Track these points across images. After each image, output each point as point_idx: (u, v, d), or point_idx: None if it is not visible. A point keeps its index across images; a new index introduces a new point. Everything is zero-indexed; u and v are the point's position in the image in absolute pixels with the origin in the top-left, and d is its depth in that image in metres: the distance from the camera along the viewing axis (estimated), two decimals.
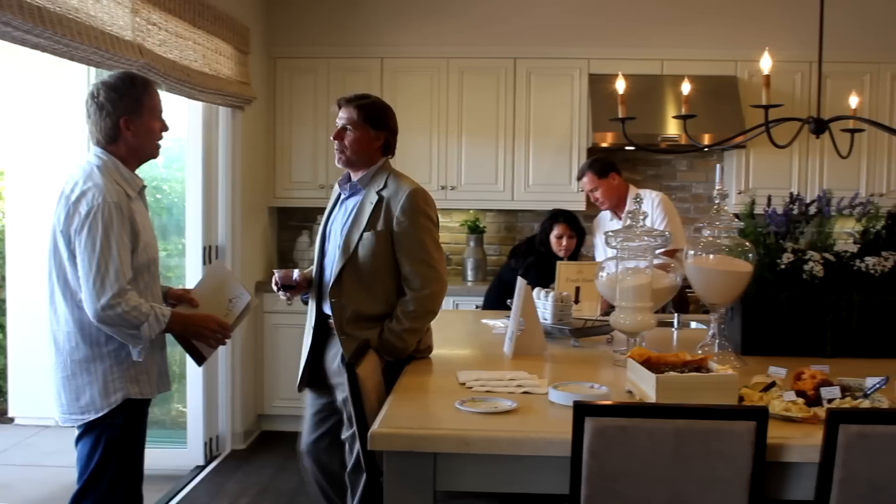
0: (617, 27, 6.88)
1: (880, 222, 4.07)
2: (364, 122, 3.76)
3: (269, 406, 6.78)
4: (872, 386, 2.97)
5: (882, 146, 6.79)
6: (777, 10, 6.76)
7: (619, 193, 5.61)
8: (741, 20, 6.81)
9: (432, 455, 2.72)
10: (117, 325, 3.13)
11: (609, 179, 5.61)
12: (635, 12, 6.89)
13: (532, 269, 5.61)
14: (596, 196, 5.65)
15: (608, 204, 5.65)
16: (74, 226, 3.14)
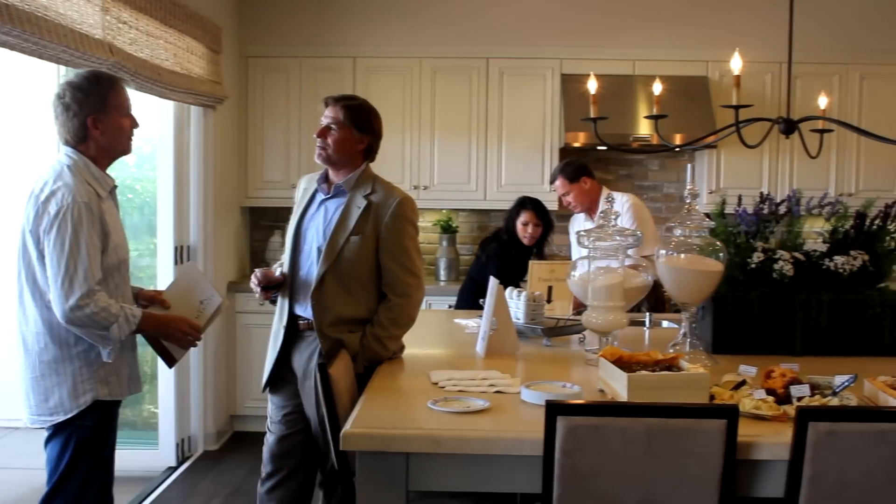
0: (589, 28, 6.90)
1: (849, 222, 4.10)
2: (349, 124, 3.73)
3: (242, 406, 6.76)
4: (841, 384, 2.99)
5: (851, 146, 6.85)
6: (747, 12, 6.80)
7: (592, 197, 5.62)
8: (712, 21, 6.85)
9: (405, 455, 2.71)
10: (86, 326, 3.11)
11: (580, 184, 5.60)
12: (607, 13, 6.92)
13: (493, 258, 5.64)
14: (568, 200, 5.66)
15: (580, 208, 5.67)
16: (43, 226, 3.12)
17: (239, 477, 5.79)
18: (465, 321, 4.77)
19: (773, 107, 6.49)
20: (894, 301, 3.93)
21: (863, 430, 2.55)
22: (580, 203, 5.63)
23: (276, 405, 3.94)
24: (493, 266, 5.57)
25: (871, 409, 2.79)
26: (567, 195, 5.64)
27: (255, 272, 3.83)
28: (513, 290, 4.45)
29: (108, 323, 3.12)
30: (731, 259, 3.93)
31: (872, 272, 4.01)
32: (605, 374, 3.15)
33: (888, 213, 4.10)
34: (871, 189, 6.71)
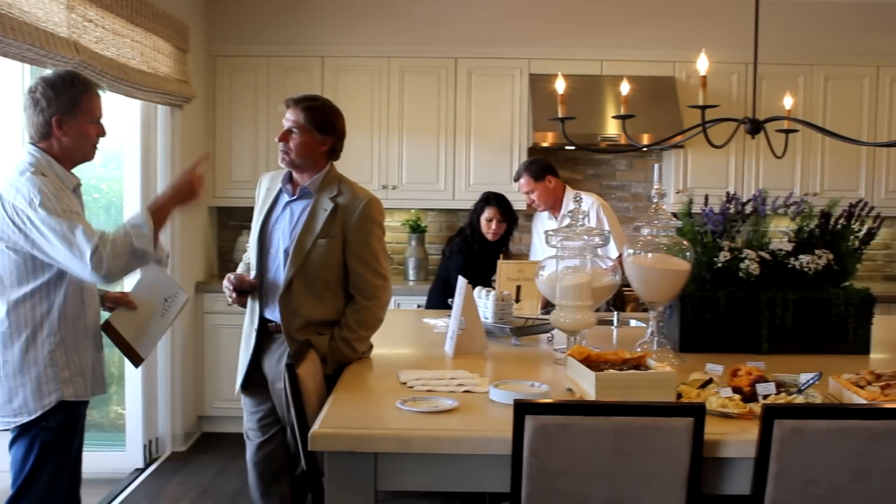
0: (557, 28, 6.92)
1: (814, 221, 4.14)
2: (311, 126, 3.70)
3: (210, 407, 6.72)
4: (806, 382, 3.02)
5: (816, 146, 6.92)
6: (714, 13, 6.85)
7: (556, 195, 5.67)
8: (679, 22, 6.89)
9: (373, 455, 2.71)
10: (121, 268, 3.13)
11: (545, 182, 5.64)
12: (575, 13, 6.94)
13: (456, 254, 5.65)
14: (532, 198, 5.69)
15: (543, 206, 5.70)
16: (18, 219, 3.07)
17: (207, 478, 5.76)
18: (433, 321, 4.77)
19: (739, 107, 6.54)
20: (858, 299, 3.97)
21: (828, 428, 2.58)
22: (544, 202, 5.67)
23: (248, 410, 3.92)
24: (457, 262, 5.59)
25: (835, 407, 2.82)
26: (531, 193, 5.67)
27: (229, 276, 3.81)
28: (481, 289, 4.46)
29: (126, 248, 3.11)
30: (698, 258, 3.95)
31: (837, 271, 4.05)
32: (573, 374, 3.16)
33: (852, 213, 4.15)
34: (835, 189, 6.78)
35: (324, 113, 3.76)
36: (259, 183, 3.99)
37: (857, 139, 4.06)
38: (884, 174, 7.02)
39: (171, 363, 6.18)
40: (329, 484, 2.76)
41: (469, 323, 3.92)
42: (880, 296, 4.64)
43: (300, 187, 3.78)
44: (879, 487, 2.60)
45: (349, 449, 2.71)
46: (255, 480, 3.90)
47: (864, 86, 6.97)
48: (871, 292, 4.03)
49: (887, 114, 6.95)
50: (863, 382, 3.05)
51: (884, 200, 6.91)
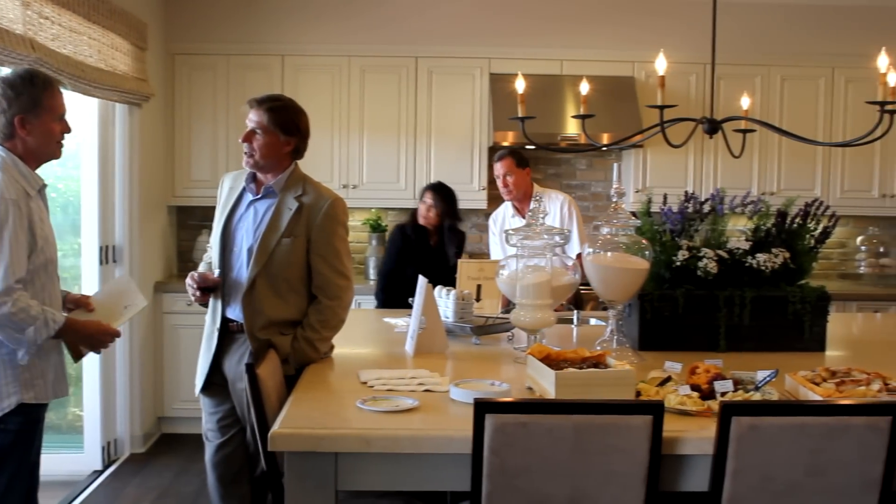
0: (517, 27, 6.94)
1: (770, 220, 4.18)
2: (274, 127, 3.68)
3: (170, 408, 6.67)
4: (763, 379, 3.05)
5: (772, 146, 6.99)
6: (672, 14, 6.90)
7: (527, 189, 5.69)
8: (638, 22, 6.94)
9: (333, 455, 2.71)
10: (2, 326, 3.04)
11: (524, 172, 5.69)
12: (535, 13, 6.97)
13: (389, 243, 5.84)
14: (508, 182, 5.65)
15: (515, 194, 5.69)
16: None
17: (167, 479, 5.72)
18: (394, 320, 4.76)
19: (697, 107, 6.59)
20: (814, 297, 4.02)
21: (784, 424, 2.61)
22: (518, 189, 5.67)
23: (207, 411, 3.89)
24: (391, 247, 5.71)
25: (791, 404, 2.86)
26: (508, 176, 5.64)
27: (192, 274, 3.78)
28: (441, 288, 4.46)
29: (24, 325, 3.05)
30: (657, 257, 3.98)
31: (793, 269, 4.10)
32: (533, 372, 3.17)
33: (808, 212, 4.20)
34: (791, 188, 6.86)
35: (287, 113, 3.74)
36: (221, 182, 3.96)
37: (812, 139, 4.10)
38: (839, 174, 7.11)
39: (130, 364, 6.12)
40: (289, 484, 2.75)
41: (429, 322, 3.92)
42: (835, 294, 4.70)
43: (264, 186, 3.76)
44: (834, 482, 2.63)
45: (309, 449, 2.70)
46: (214, 482, 3.88)
47: (819, 86, 7.06)
48: (826, 290, 4.08)
49: (842, 114, 7.04)
50: (818, 379, 3.09)
51: (839, 200, 7.00)
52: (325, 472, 2.71)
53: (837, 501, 2.65)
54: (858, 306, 6.81)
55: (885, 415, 2.62)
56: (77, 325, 3.32)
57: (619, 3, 6.99)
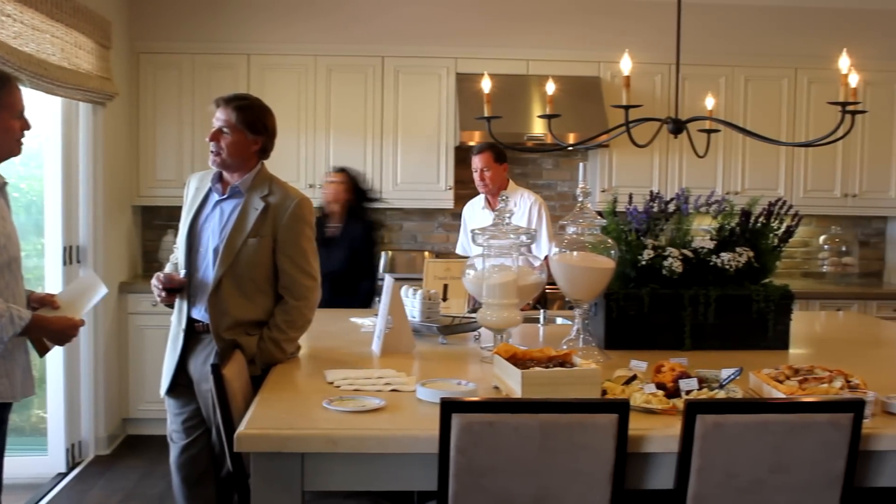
0: (483, 27, 6.96)
1: (735, 219, 4.21)
2: (242, 126, 3.67)
3: (135, 409, 6.62)
4: (727, 377, 3.08)
5: (737, 146, 7.05)
6: (638, 14, 6.94)
7: (502, 184, 5.82)
8: (604, 23, 6.97)
9: (300, 455, 2.70)
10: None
11: (502, 167, 5.82)
12: (501, 13, 6.98)
13: None
14: (485, 176, 5.78)
15: (490, 188, 5.80)
16: None
17: (132, 481, 5.68)
18: (360, 320, 4.76)
19: (662, 107, 6.63)
20: (778, 296, 4.05)
21: (748, 422, 2.63)
22: (493, 184, 5.79)
23: (172, 412, 3.87)
24: None
25: (755, 402, 2.87)
26: (486, 171, 5.77)
27: (158, 275, 3.75)
28: (408, 288, 4.46)
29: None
30: (623, 256, 4.00)
31: (757, 268, 4.13)
32: (499, 372, 3.18)
33: (771, 211, 4.23)
34: (755, 188, 6.92)
35: (255, 112, 3.73)
36: (187, 183, 3.95)
37: (776, 139, 4.14)
38: (802, 173, 7.18)
39: (95, 365, 6.07)
40: (255, 485, 2.74)
41: (396, 322, 3.92)
42: (799, 292, 4.75)
43: (230, 186, 3.74)
44: (797, 479, 2.66)
45: (275, 449, 2.69)
46: (179, 483, 3.86)
47: (782, 87, 7.13)
48: (789, 289, 4.12)
49: (805, 114, 7.11)
50: (782, 377, 3.11)
51: (802, 199, 7.07)
52: (291, 472, 2.70)
53: (801, 498, 2.68)
54: (821, 304, 6.89)
55: (847, 412, 2.64)
56: (45, 321, 3.28)
57: (585, 4, 7.02)
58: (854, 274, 7.47)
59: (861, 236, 7.67)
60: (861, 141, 7.18)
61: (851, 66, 3.37)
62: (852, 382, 3.01)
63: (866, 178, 7.26)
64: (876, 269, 7.74)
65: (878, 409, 2.92)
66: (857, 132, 6.90)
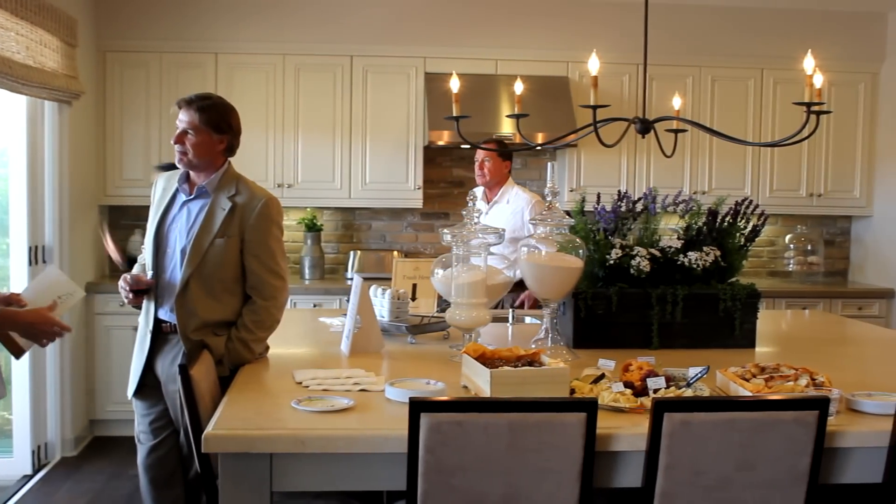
0: (452, 27, 6.96)
1: (702, 219, 4.25)
2: (206, 126, 3.65)
3: (102, 411, 6.57)
4: (695, 375, 3.10)
5: (704, 146, 7.09)
6: (606, 15, 6.96)
7: (501, 180, 5.99)
8: (572, 23, 6.99)
9: (268, 455, 2.69)
10: None
11: (504, 164, 5.99)
12: (470, 13, 6.98)
13: None
14: (485, 166, 5.94)
15: (488, 180, 5.97)
16: None
17: (99, 483, 5.64)
18: (329, 320, 4.75)
19: (630, 107, 6.67)
20: (744, 295, 4.09)
21: (715, 420, 2.65)
22: (492, 177, 5.96)
23: (140, 413, 3.85)
24: None
25: (722, 400, 2.90)
26: (487, 161, 5.95)
27: (125, 276, 3.73)
28: (377, 288, 4.46)
29: None
30: (591, 256, 4.02)
31: (724, 267, 4.17)
32: (468, 371, 3.18)
33: (738, 211, 4.27)
34: (722, 187, 6.96)
35: (218, 112, 3.72)
36: (154, 183, 3.93)
37: (742, 139, 4.16)
38: (768, 173, 7.24)
39: (61, 365, 6.02)
40: (223, 486, 2.73)
41: (365, 321, 3.91)
42: (765, 291, 4.79)
43: (197, 186, 3.73)
44: (763, 476, 2.68)
45: (244, 450, 2.68)
46: (146, 485, 3.83)
47: (749, 87, 7.18)
48: (756, 288, 4.15)
49: (771, 115, 7.17)
50: (748, 375, 3.14)
51: (768, 199, 7.13)
52: (259, 473, 2.70)
53: (767, 494, 2.70)
54: (787, 303, 6.95)
55: (813, 409, 2.67)
56: (15, 315, 3.19)
57: (554, 5, 7.03)
58: (819, 273, 7.54)
59: (826, 235, 7.75)
60: (826, 141, 7.26)
61: (816, 66, 3.40)
62: (817, 380, 3.04)
63: (831, 178, 7.34)
64: (841, 268, 7.82)
65: (843, 407, 2.96)
66: (821, 132, 6.98)
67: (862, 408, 2.95)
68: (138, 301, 3.77)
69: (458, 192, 7.33)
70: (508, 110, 6.59)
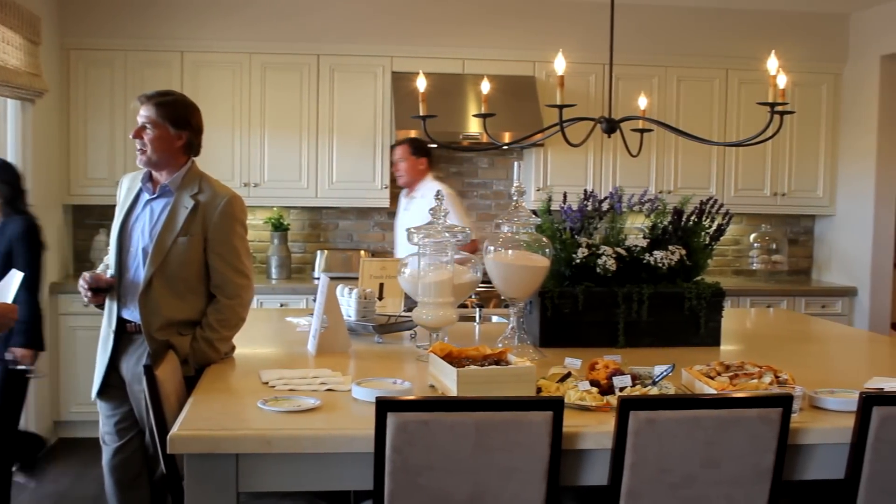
0: (419, 26, 6.96)
1: (667, 218, 4.27)
2: (164, 121, 3.64)
3: (67, 412, 6.52)
4: (660, 374, 3.11)
5: (669, 146, 7.14)
6: (573, 15, 6.99)
7: (418, 176, 6.22)
8: (539, 23, 7.01)
9: (234, 456, 2.67)
10: None
11: (418, 161, 6.19)
12: (438, 12, 6.99)
13: None
14: (399, 167, 6.23)
15: (404, 178, 6.26)
16: None
17: (64, 485, 5.59)
18: (296, 319, 4.74)
19: (596, 107, 6.70)
20: (709, 293, 4.11)
21: (680, 418, 2.67)
22: (406, 175, 6.25)
23: (105, 414, 3.83)
24: None
25: (687, 397, 2.92)
26: (401, 162, 6.22)
27: (84, 275, 3.70)
28: (344, 287, 4.45)
29: None
30: (557, 255, 4.03)
31: (689, 266, 4.19)
32: (435, 370, 3.19)
33: (703, 210, 4.29)
34: (688, 186, 7.02)
35: (176, 107, 3.70)
36: (119, 183, 3.91)
37: (707, 139, 4.19)
38: (733, 173, 7.30)
39: None
40: (189, 487, 2.71)
41: (332, 321, 3.90)
42: (730, 290, 4.82)
43: (160, 185, 3.71)
44: (728, 473, 2.70)
45: (209, 451, 2.67)
46: (111, 486, 3.81)
47: (714, 87, 7.24)
48: (721, 286, 4.18)
49: (736, 114, 7.24)
50: (713, 373, 3.16)
51: (733, 198, 7.19)
52: (225, 473, 2.68)
53: (731, 491, 2.72)
54: (752, 301, 7.02)
55: (776, 406, 2.69)
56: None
57: (521, 4, 7.05)
58: (783, 271, 7.61)
59: (790, 234, 7.82)
60: (790, 141, 7.33)
61: (780, 67, 3.43)
62: (781, 378, 3.07)
63: (795, 178, 7.41)
64: (804, 267, 7.90)
65: (806, 404, 2.99)
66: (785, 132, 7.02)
67: (825, 405, 2.98)
68: (98, 300, 3.75)
69: None
70: (475, 109, 6.60)
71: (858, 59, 7.26)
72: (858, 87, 7.26)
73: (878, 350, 4.54)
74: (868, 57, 7.15)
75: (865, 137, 7.16)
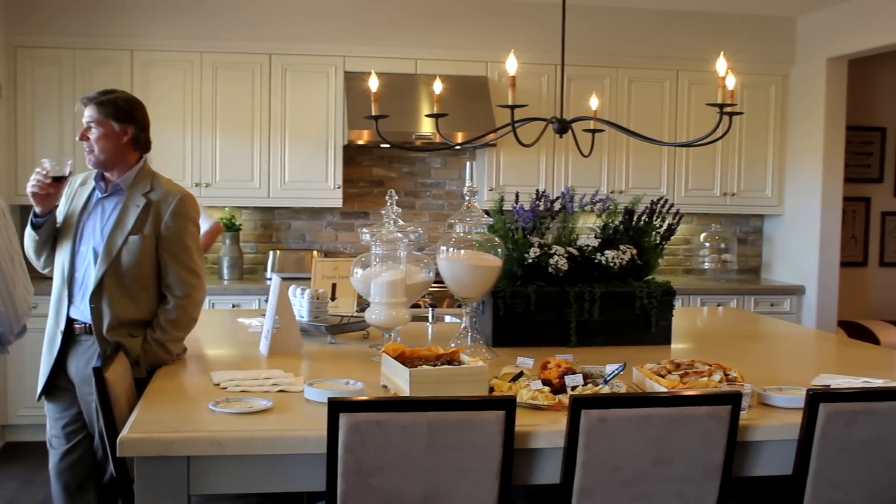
0: (372, 26, 6.94)
1: (618, 218, 4.30)
2: (107, 118, 3.61)
3: (14, 416, 6.42)
4: (612, 372, 3.14)
5: (621, 146, 7.19)
6: (525, 15, 7.01)
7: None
8: (492, 23, 7.02)
9: (185, 458, 2.65)
10: None
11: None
12: (390, 12, 6.98)
13: None
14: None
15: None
16: None
17: (11, 490, 5.51)
18: (248, 320, 4.71)
19: (549, 107, 6.74)
20: (660, 292, 4.15)
21: (631, 416, 2.69)
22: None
23: (52, 417, 3.77)
24: None
25: (638, 396, 2.94)
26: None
27: (45, 161, 3.57)
28: (296, 287, 4.43)
29: None
30: (510, 254, 4.05)
31: (640, 265, 4.23)
32: (387, 370, 3.18)
33: (654, 210, 4.33)
34: (639, 187, 7.08)
35: (118, 104, 3.66)
36: (72, 181, 3.85)
37: (658, 139, 4.23)
38: (683, 173, 7.37)
39: None
40: (140, 490, 2.68)
41: (284, 322, 3.89)
42: (680, 289, 4.88)
43: (112, 183, 3.68)
44: (679, 471, 2.73)
45: (160, 453, 2.64)
46: (59, 491, 3.75)
47: (664, 88, 7.30)
48: (671, 285, 4.22)
49: (686, 115, 7.31)
50: (664, 371, 3.19)
51: (683, 198, 7.26)
52: (176, 476, 2.66)
53: (682, 488, 2.75)
54: (702, 300, 7.09)
55: (726, 404, 2.72)
56: None
57: (473, 4, 7.06)
58: (733, 270, 7.70)
59: (739, 234, 7.91)
60: (739, 142, 7.42)
61: (728, 69, 3.47)
62: (730, 376, 3.10)
63: (744, 178, 7.50)
64: (754, 266, 8.00)
65: (755, 401, 3.03)
66: (734, 133, 7.13)
67: (773, 402, 3.02)
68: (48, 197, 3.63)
69: (377, 191, 7.33)
70: (428, 110, 6.60)
71: (805, 62, 7.37)
72: (805, 89, 7.36)
73: (825, 348, 4.62)
74: (814, 59, 7.25)
75: (812, 138, 7.27)
